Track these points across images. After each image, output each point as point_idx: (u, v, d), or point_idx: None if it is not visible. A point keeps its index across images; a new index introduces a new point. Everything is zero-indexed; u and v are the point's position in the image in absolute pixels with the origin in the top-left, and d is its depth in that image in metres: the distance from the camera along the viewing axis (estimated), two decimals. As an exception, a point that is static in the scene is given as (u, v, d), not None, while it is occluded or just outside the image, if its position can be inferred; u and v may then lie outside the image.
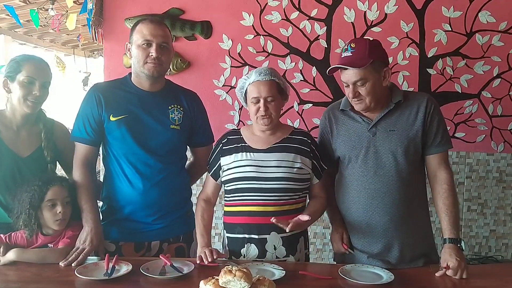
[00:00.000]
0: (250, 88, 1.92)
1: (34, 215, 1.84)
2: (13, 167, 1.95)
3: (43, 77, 1.97)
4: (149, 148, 1.97)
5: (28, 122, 2.02)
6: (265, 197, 1.89)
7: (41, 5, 4.97)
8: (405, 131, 1.87)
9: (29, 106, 1.96)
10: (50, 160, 2.02)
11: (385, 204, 1.88)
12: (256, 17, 3.03)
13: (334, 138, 2.00)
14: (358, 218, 1.92)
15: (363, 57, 1.79)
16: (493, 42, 2.96)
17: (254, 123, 1.97)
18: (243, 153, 1.94)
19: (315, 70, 3.05)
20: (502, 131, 3.05)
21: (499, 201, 3.11)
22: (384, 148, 1.88)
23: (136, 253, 2.01)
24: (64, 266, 1.78)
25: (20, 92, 1.93)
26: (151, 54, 1.91)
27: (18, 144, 1.99)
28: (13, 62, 1.97)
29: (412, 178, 1.90)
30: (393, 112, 1.90)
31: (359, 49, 1.81)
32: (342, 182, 1.99)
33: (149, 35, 1.91)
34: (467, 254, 3.10)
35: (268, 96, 1.89)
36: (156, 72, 1.95)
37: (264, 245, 1.90)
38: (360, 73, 1.80)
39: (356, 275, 1.71)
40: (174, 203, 2.05)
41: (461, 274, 1.72)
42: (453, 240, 1.79)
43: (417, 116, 1.87)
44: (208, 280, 1.47)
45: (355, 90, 1.83)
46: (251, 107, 1.92)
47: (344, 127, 1.97)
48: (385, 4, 2.97)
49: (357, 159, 1.92)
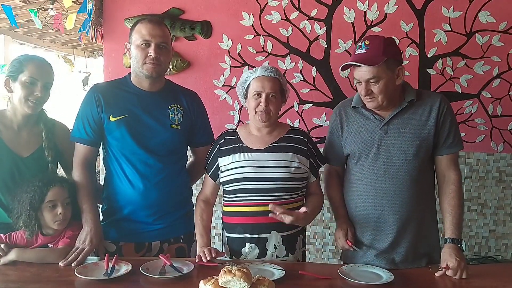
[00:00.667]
0: (254, 82, 1.93)
1: (35, 216, 1.84)
2: (13, 167, 1.95)
3: (45, 78, 1.97)
4: (149, 148, 1.97)
5: (29, 122, 2.02)
6: (264, 197, 1.89)
7: (41, 5, 4.98)
8: (417, 131, 1.87)
9: (30, 107, 1.95)
10: (51, 160, 2.02)
11: (394, 203, 1.87)
12: (256, 17, 3.03)
13: (345, 135, 1.99)
14: (367, 216, 1.92)
15: (377, 55, 1.78)
16: (493, 42, 2.96)
17: (252, 119, 1.97)
18: (240, 154, 1.95)
19: (315, 70, 3.05)
20: (502, 131, 3.05)
21: (499, 201, 3.11)
22: (395, 146, 1.87)
23: (137, 254, 2.02)
24: (64, 266, 1.79)
25: (21, 92, 1.93)
26: (150, 54, 1.91)
27: (19, 144, 1.98)
28: (15, 62, 1.97)
29: (422, 178, 1.90)
30: (406, 111, 1.89)
31: (374, 47, 1.79)
32: (351, 180, 1.99)
33: (148, 35, 1.91)
34: (467, 254, 3.10)
35: (271, 92, 1.90)
36: (155, 73, 1.95)
37: (264, 244, 1.91)
38: (374, 71, 1.78)
39: (356, 275, 1.71)
40: (174, 203, 2.05)
41: (461, 274, 1.72)
42: (454, 241, 1.79)
43: (430, 116, 1.87)
44: (207, 280, 1.47)
45: (368, 87, 1.82)
46: (251, 102, 1.93)
47: (355, 124, 1.96)
48: (385, 4, 2.97)
49: (367, 156, 1.91)
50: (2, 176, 1.93)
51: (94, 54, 9.48)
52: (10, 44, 7.07)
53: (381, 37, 1.85)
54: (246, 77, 1.96)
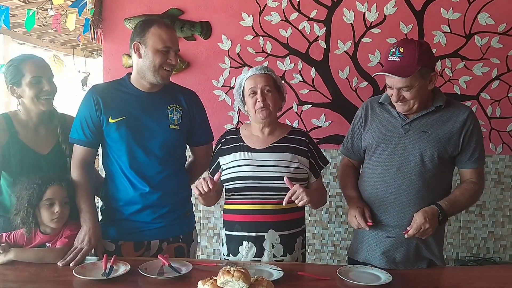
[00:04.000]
0: (247, 82, 1.96)
1: (32, 213, 1.85)
2: (36, 165, 1.98)
3: (47, 73, 2.03)
4: (149, 149, 1.98)
5: (44, 120, 2.06)
6: (263, 195, 1.90)
7: (40, 5, 4.97)
8: (438, 136, 1.87)
9: (44, 104, 2.00)
10: (69, 154, 2.04)
11: (401, 201, 1.88)
12: (256, 17, 3.03)
13: (367, 127, 2.00)
14: (374, 210, 1.93)
15: (411, 65, 1.76)
16: (492, 44, 2.96)
17: (253, 119, 1.98)
18: (241, 153, 1.96)
19: (314, 71, 3.05)
20: (501, 132, 3.05)
21: (498, 203, 3.11)
22: (413, 147, 1.88)
23: (136, 252, 2.02)
24: (62, 265, 1.79)
25: (31, 93, 1.97)
26: (170, 61, 1.92)
27: (38, 143, 2.03)
28: (12, 68, 1.99)
29: (434, 183, 1.90)
30: (431, 115, 1.89)
31: (408, 55, 1.76)
32: (364, 173, 2.02)
33: (169, 41, 1.91)
34: (465, 256, 3.11)
35: (264, 85, 1.92)
36: (167, 80, 1.98)
37: (262, 243, 1.91)
38: (407, 81, 1.77)
39: (354, 276, 1.71)
40: (173, 203, 2.05)
41: (422, 234, 1.76)
42: (437, 205, 1.83)
43: (454, 126, 1.87)
44: (206, 280, 1.47)
45: (400, 94, 1.81)
46: (249, 101, 1.94)
47: (379, 118, 1.97)
48: (384, 5, 2.97)
49: (383, 151, 1.92)
50: (26, 175, 1.92)
51: (93, 54, 9.47)
52: (9, 43, 7.06)
53: (415, 42, 1.81)
54: (240, 81, 2.00)
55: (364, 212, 1.89)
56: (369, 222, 1.86)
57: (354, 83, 3.04)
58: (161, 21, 2.00)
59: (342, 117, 3.04)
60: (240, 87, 2.00)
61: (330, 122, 3.07)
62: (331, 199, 3.11)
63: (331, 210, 3.10)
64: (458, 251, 3.14)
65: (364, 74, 3.03)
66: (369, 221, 1.87)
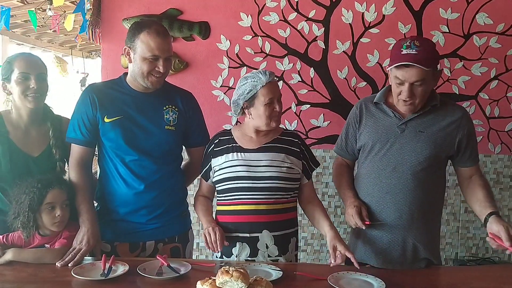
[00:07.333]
0: (263, 90, 1.88)
1: (33, 217, 1.84)
2: (25, 166, 1.95)
3: (37, 70, 1.97)
4: (144, 149, 1.97)
5: (36, 120, 2.02)
6: (256, 195, 1.90)
7: (39, 6, 4.96)
8: (433, 136, 1.87)
9: (30, 101, 1.96)
10: (59, 158, 2.02)
11: (397, 200, 1.88)
12: (254, 18, 3.03)
13: (362, 127, 1.99)
14: (370, 210, 1.92)
15: (429, 58, 1.76)
16: (491, 44, 2.97)
17: (261, 125, 1.93)
18: (234, 153, 1.95)
19: (313, 71, 3.05)
20: (499, 132, 3.06)
21: (496, 203, 3.10)
22: (409, 146, 1.88)
23: (131, 254, 2.01)
24: (61, 266, 1.78)
25: (18, 90, 1.94)
26: (158, 69, 1.89)
27: (28, 144, 1.99)
28: (5, 64, 1.98)
29: (430, 182, 1.90)
30: (427, 115, 1.90)
31: (426, 49, 1.76)
32: (359, 173, 2.01)
33: (157, 49, 1.86)
34: (464, 256, 3.11)
35: (280, 95, 1.94)
36: (158, 85, 1.96)
37: (255, 243, 1.91)
38: (423, 74, 1.75)
39: (346, 284, 1.65)
40: (169, 203, 2.05)
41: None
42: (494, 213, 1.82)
43: (449, 126, 1.88)
44: (205, 280, 1.47)
45: (411, 89, 1.79)
46: (264, 109, 1.89)
47: (374, 118, 1.97)
48: (383, 5, 2.98)
49: (379, 151, 1.92)
50: (13, 177, 1.91)
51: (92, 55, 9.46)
52: (8, 44, 7.05)
53: (430, 40, 1.84)
54: (251, 87, 1.89)
55: (361, 211, 1.88)
56: (366, 221, 1.85)
57: (352, 83, 3.04)
58: (152, 26, 1.89)
59: (341, 117, 3.03)
60: (251, 92, 1.89)
61: (329, 122, 3.07)
62: (330, 199, 3.11)
63: (330, 210, 3.10)
64: (457, 251, 3.14)
65: (363, 74, 3.03)
66: (367, 220, 1.86)
